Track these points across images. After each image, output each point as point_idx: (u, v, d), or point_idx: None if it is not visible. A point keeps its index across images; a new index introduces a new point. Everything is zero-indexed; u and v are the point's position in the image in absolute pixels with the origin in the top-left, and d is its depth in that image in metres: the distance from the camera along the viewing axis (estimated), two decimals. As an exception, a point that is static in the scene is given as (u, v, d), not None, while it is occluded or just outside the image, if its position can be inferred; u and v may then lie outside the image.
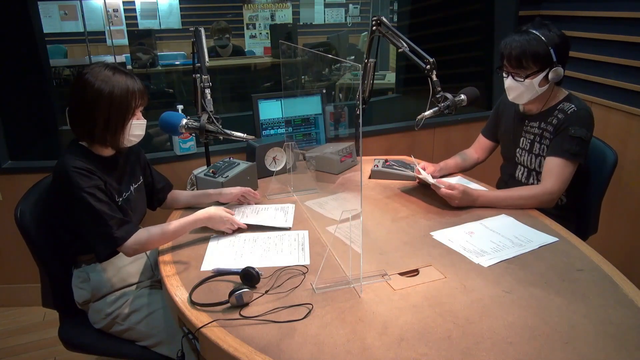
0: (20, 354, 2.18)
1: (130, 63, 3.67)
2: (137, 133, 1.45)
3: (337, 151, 1.96)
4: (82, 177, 1.32)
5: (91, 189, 1.32)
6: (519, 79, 1.65)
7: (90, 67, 1.38)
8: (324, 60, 3.33)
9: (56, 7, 4.69)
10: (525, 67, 1.62)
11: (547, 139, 1.71)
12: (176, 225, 1.40)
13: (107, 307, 1.47)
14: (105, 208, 1.33)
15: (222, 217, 1.46)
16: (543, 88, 1.65)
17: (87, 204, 1.31)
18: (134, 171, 1.57)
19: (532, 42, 1.59)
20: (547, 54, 1.59)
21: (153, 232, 1.38)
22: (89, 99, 1.35)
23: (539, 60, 1.60)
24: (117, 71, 1.39)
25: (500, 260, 1.30)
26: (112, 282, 1.48)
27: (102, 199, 1.34)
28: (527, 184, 1.79)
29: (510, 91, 1.70)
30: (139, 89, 1.41)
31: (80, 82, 1.36)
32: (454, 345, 0.98)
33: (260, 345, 1.00)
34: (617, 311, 1.08)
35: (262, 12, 5.08)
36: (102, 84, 1.34)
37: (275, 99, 2.16)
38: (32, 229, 1.45)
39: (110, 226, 1.32)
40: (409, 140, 2.86)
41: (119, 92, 1.36)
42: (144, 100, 1.44)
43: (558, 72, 1.61)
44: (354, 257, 1.21)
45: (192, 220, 1.43)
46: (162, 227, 1.39)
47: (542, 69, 1.61)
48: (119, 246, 1.34)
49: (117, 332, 1.48)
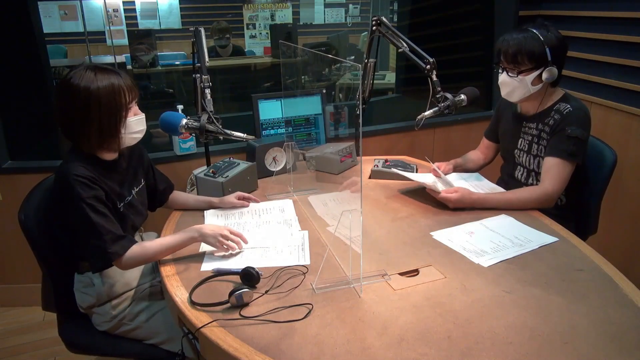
0: (20, 354, 2.18)
1: (130, 63, 3.67)
2: (137, 129, 1.41)
3: (337, 151, 1.96)
4: (83, 186, 1.29)
5: (90, 200, 1.29)
6: (512, 75, 1.66)
7: (73, 72, 1.32)
8: (324, 60, 3.33)
9: (56, 7, 4.68)
10: (519, 63, 1.63)
11: (544, 139, 1.71)
12: (170, 243, 1.36)
13: (112, 310, 1.46)
14: (102, 221, 1.30)
15: (213, 230, 1.37)
16: (536, 87, 1.66)
17: (84, 215, 1.28)
18: (136, 174, 1.55)
19: (529, 40, 1.61)
20: (542, 52, 1.60)
21: (148, 248, 1.34)
22: (78, 104, 1.30)
23: (533, 58, 1.61)
24: (99, 70, 1.33)
25: (500, 260, 1.30)
26: (116, 286, 1.48)
27: (100, 211, 1.31)
28: (526, 184, 1.79)
29: (503, 87, 1.71)
30: (125, 85, 1.35)
31: (64, 88, 1.32)
32: (454, 345, 0.98)
33: (260, 345, 1.00)
34: (617, 311, 1.08)
35: (262, 12, 5.08)
36: (87, 88, 1.29)
37: (275, 99, 2.16)
38: (36, 232, 1.44)
39: (105, 241, 1.29)
40: (409, 140, 2.86)
41: (105, 93, 1.31)
42: (133, 94, 1.39)
43: (552, 72, 1.62)
44: (354, 257, 1.21)
45: (186, 238, 1.37)
46: (157, 244, 1.36)
47: (537, 67, 1.62)
48: (112, 261, 1.31)
49: (124, 332, 1.48)
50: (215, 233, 1.36)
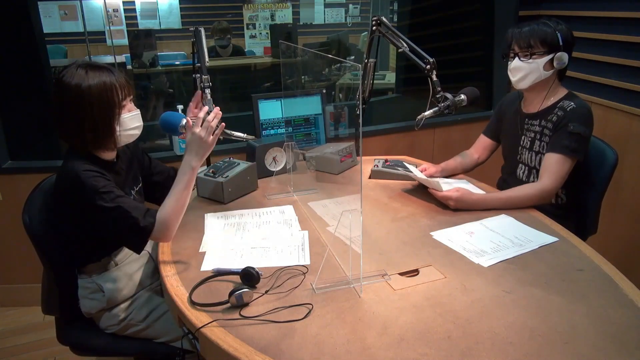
0: (20, 354, 2.18)
1: (130, 63, 3.67)
2: (132, 126, 1.40)
3: (337, 151, 1.96)
4: (96, 178, 1.29)
5: (108, 187, 1.29)
6: (524, 59, 1.68)
7: (65, 71, 1.31)
8: (324, 60, 3.33)
9: (56, 7, 4.68)
10: (532, 47, 1.66)
11: (547, 136, 1.72)
12: (181, 187, 1.33)
13: (121, 312, 1.46)
14: (126, 201, 1.30)
15: (199, 139, 1.35)
16: (547, 73, 1.68)
17: (109, 204, 1.27)
18: (136, 174, 1.55)
19: (541, 25, 1.67)
20: (554, 38, 1.64)
21: (167, 205, 1.32)
22: (70, 103, 1.30)
23: (546, 42, 1.65)
24: (91, 68, 1.32)
25: (500, 260, 1.30)
26: (125, 290, 1.48)
27: (120, 194, 1.30)
28: (527, 181, 1.80)
29: (515, 72, 1.72)
30: (118, 81, 1.33)
31: (57, 87, 1.31)
32: (454, 345, 0.98)
33: (260, 345, 1.00)
34: (617, 311, 1.08)
35: (262, 12, 5.08)
36: (78, 85, 1.28)
37: (275, 99, 2.16)
38: (41, 234, 1.44)
39: (135, 217, 1.27)
40: (409, 140, 2.86)
41: (97, 91, 1.30)
42: (127, 91, 1.37)
43: (563, 58, 1.65)
44: (354, 257, 1.21)
45: (188, 172, 1.34)
46: (171, 197, 1.33)
47: (549, 51, 1.65)
48: (149, 234, 1.29)
49: (133, 333, 1.48)
50: (203, 139, 1.36)
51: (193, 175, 1.37)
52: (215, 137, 1.38)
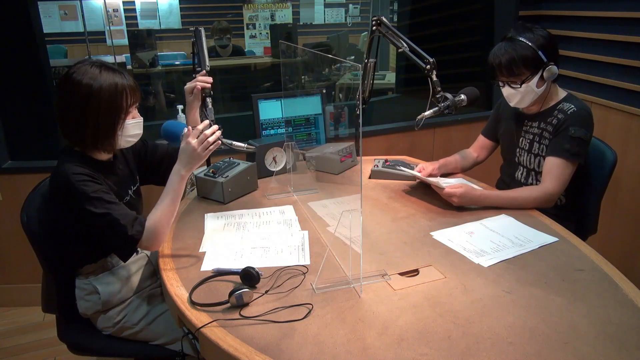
0: (20, 354, 2.18)
1: (130, 63, 3.67)
2: (133, 133, 1.39)
3: (337, 151, 1.96)
4: (87, 182, 1.27)
5: (98, 193, 1.27)
6: (515, 86, 1.66)
7: (77, 66, 1.30)
8: (324, 60, 3.33)
9: (56, 7, 4.68)
10: (518, 74, 1.63)
11: (546, 138, 1.71)
12: (170, 196, 1.32)
13: (117, 315, 1.46)
14: (116, 208, 1.28)
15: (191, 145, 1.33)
16: (541, 88, 1.66)
17: (98, 209, 1.26)
18: (132, 172, 1.55)
19: (519, 49, 1.60)
20: (535, 56, 1.60)
21: (156, 214, 1.32)
22: (77, 99, 1.28)
23: (529, 65, 1.61)
24: (105, 68, 1.30)
25: (500, 260, 1.30)
26: (121, 293, 1.47)
27: (109, 200, 1.29)
28: (526, 184, 1.79)
29: (511, 99, 1.71)
30: (129, 86, 1.32)
31: (67, 82, 1.29)
32: (454, 345, 0.98)
33: (260, 345, 1.00)
34: (617, 311, 1.08)
35: (262, 12, 5.08)
36: (88, 85, 1.27)
37: (275, 99, 2.16)
38: (38, 233, 1.44)
39: (124, 226, 1.27)
40: (409, 140, 2.86)
41: (108, 91, 1.28)
42: (136, 98, 1.36)
43: (552, 70, 1.62)
44: (354, 257, 1.21)
45: (177, 181, 1.34)
46: (159, 205, 1.33)
47: (535, 71, 1.62)
48: (137, 243, 1.29)
49: (130, 335, 1.48)
50: (196, 150, 1.33)
51: (182, 183, 1.36)
52: (209, 152, 1.36)
